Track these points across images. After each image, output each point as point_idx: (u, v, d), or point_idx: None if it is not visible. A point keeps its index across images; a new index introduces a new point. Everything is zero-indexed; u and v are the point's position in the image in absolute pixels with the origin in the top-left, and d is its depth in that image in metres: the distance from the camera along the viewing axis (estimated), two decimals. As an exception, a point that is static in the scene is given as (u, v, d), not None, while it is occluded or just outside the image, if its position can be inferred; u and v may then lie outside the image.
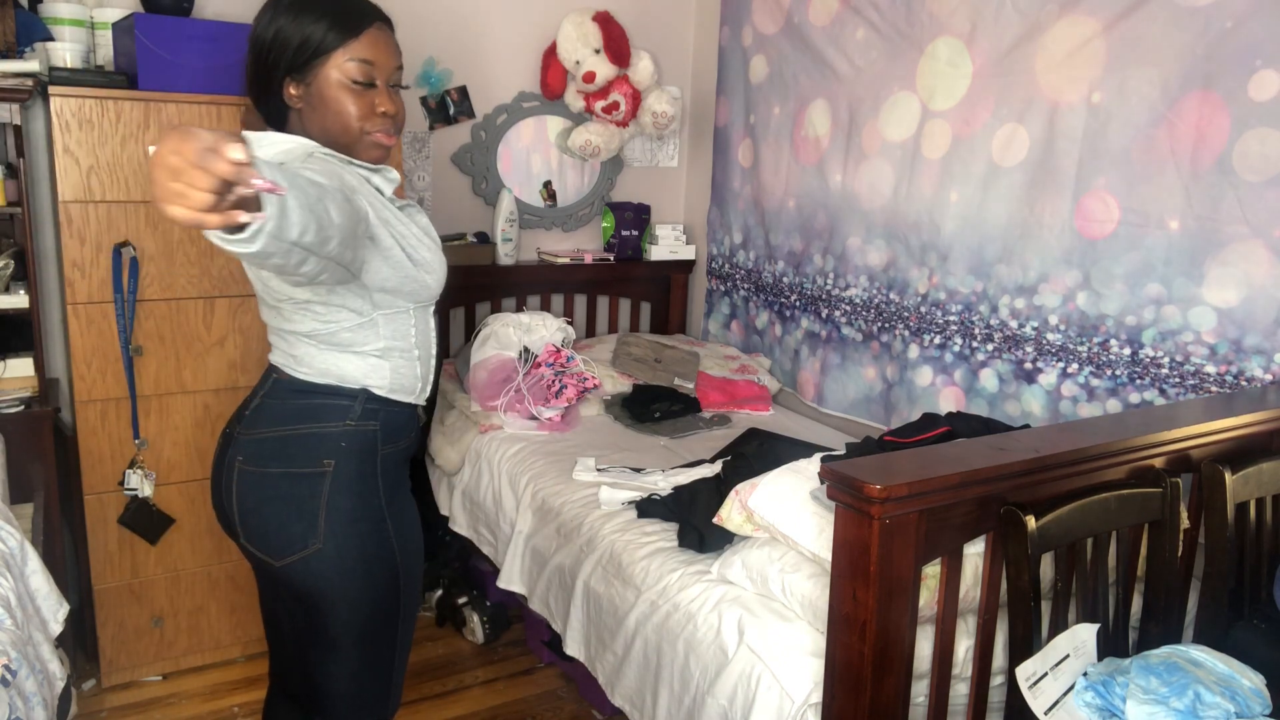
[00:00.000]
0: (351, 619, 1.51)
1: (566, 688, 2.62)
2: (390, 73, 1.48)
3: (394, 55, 1.49)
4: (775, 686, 1.64)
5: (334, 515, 1.47)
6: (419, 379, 1.56)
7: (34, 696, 1.45)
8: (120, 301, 2.32)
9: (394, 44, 1.50)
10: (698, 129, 3.59)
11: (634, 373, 3.10)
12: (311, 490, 1.46)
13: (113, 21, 2.39)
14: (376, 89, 1.46)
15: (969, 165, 2.48)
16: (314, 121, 1.46)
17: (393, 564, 1.53)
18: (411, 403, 1.57)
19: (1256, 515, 1.75)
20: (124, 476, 2.41)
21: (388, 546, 1.52)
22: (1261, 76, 1.90)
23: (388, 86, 1.48)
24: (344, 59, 1.43)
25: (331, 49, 1.42)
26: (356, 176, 1.42)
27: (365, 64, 1.44)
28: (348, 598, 1.50)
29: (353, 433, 1.48)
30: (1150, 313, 2.14)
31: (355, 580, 1.49)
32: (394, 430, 1.54)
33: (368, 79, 1.44)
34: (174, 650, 2.60)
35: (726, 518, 1.91)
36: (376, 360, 1.49)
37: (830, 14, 2.86)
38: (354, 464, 1.49)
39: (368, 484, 1.50)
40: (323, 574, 1.48)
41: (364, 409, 1.49)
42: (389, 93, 1.48)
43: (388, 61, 1.47)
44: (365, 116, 1.45)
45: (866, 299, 2.85)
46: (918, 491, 1.30)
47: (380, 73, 1.46)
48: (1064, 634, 1.47)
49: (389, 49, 1.48)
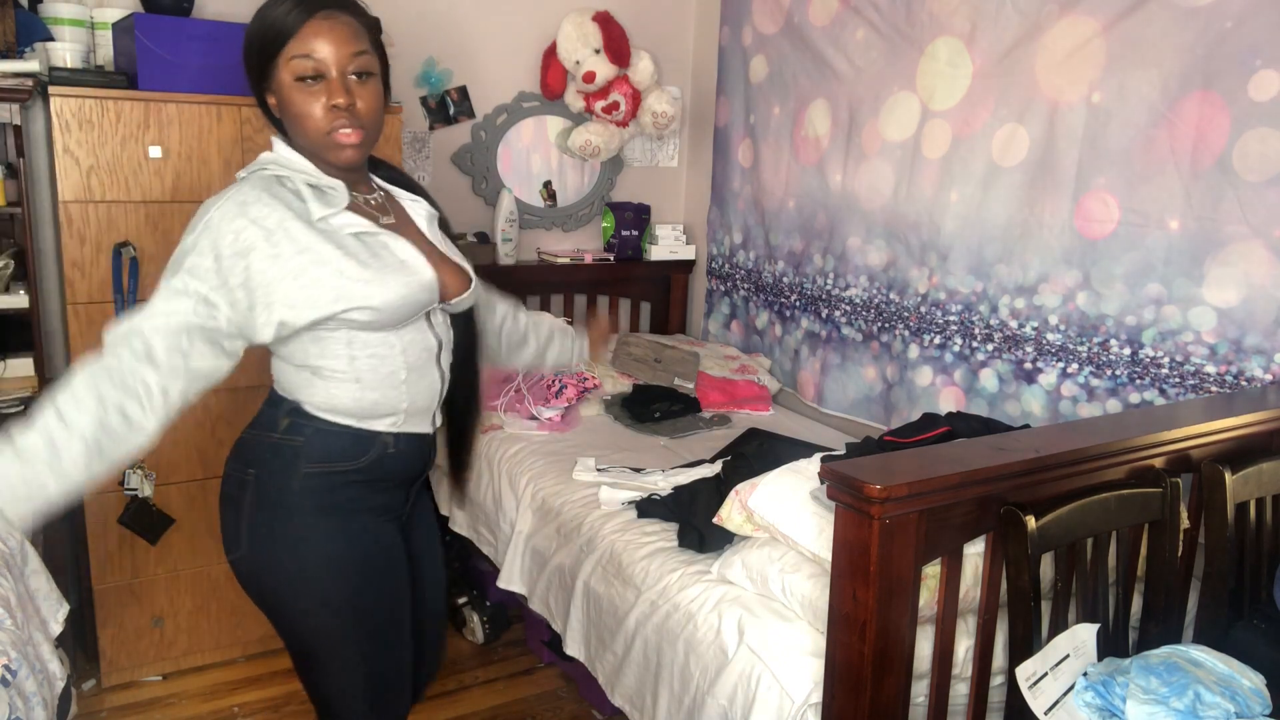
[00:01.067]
0: (292, 629, 1.49)
1: (566, 688, 2.63)
2: (344, 61, 1.34)
3: (346, 41, 1.34)
4: (775, 686, 1.64)
5: (253, 526, 1.44)
6: (373, 404, 1.41)
7: (34, 696, 1.46)
8: (120, 301, 2.32)
9: (348, 30, 1.35)
10: (698, 129, 3.59)
11: (634, 373, 3.09)
12: (242, 495, 1.44)
13: (113, 21, 2.39)
14: (328, 82, 1.34)
15: (969, 165, 2.48)
16: (291, 131, 1.39)
17: (318, 587, 1.44)
18: (359, 428, 1.42)
19: (1256, 515, 1.75)
20: (124, 476, 2.41)
21: (309, 569, 1.43)
22: (1261, 76, 1.90)
23: (344, 76, 1.34)
24: (288, 57, 1.33)
25: (277, 50, 1.33)
26: (276, 215, 1.32)
27: (305, 59, 1.32)
28: (278, 609, 1.48)
29: (275, 444, 1.42)
30: (1150, 313, 2.14)
31: (280, 594, 1.46)
32: (329, 451, 1.41)
33: (315, 73, 1.33)
34: (174, 650, 2.60)
35: (726, 518, 1.91)
36: (309, 375, 1.40)
37: (830, 14, 2.86)
38: (273, 477, 1.42)
39: (285, 500, 1.42)
40: (251, 580, 1.47)
41: (291, 422, 1.41)
42: (342, 83, 1.34)
43: (336, 49, 1.33)
44: (324, 115, 1.34)
45: (866, 299, 2.85)
46: (918, 491, 1.30)
47: (329, 64, 1.33)
48: (1064, 634, 1.47)
49: (336, 36, 1.33)
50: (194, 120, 2.34)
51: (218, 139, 2.38)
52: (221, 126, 2.38)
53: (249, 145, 2.41)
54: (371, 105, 1.38)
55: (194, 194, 2.38)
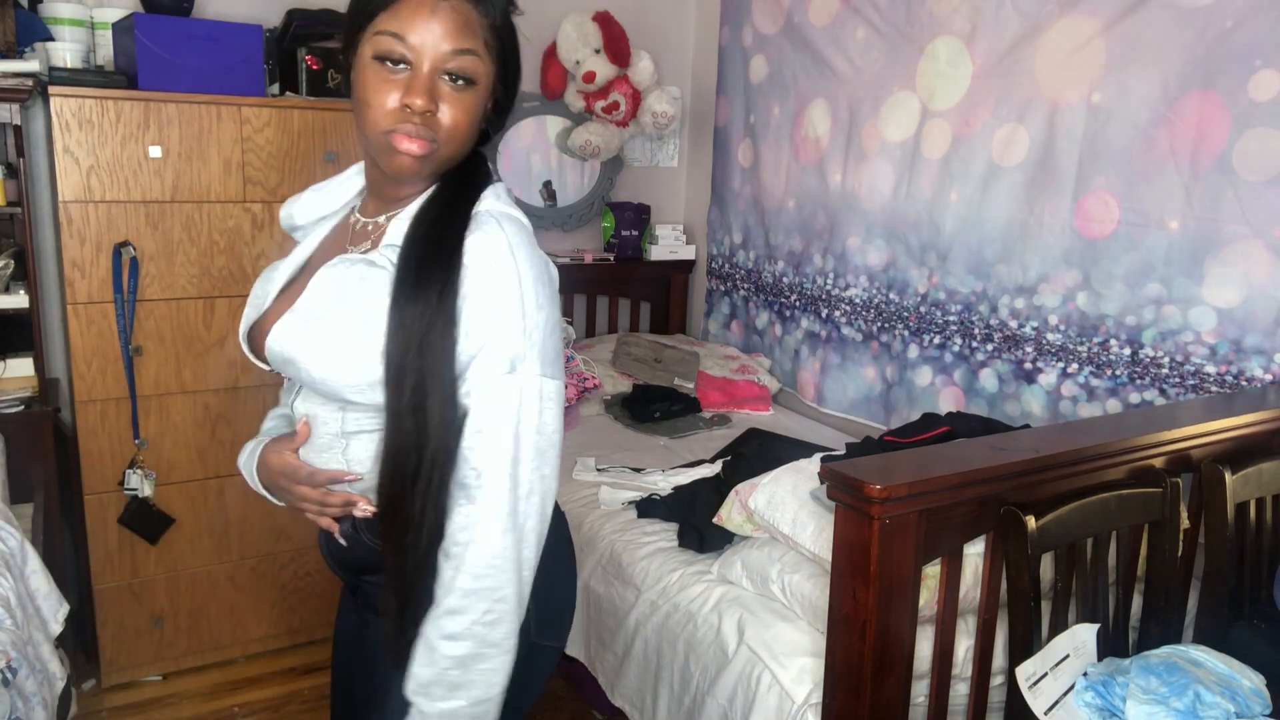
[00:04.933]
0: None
1: (566, 688, 2.62)
2: (440, 57, 1.05)
3: (451, 34, 1.05)
4: (775, 686, 1.64)
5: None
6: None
7: (34, 696, 1.46)
8: (120, 301, 2.32)
9: (458, 20, 1.06)
10: (698, 129, 3.59)
11: (634, 373, 3.10)
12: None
13: (113, 21, 2.39)
14: (413, 74, 1.05)
15: (969, 165, 2.48)
16: (356, 120, 1.12)
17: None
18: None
19: (1256, 515, 1.75)
20: (124, 476, 2.41)
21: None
22: (1261, 76, 1.90)
23: (434, 75, 1.06)
24: (376, 29, 1.06)
25: (369, 18, 1.07)
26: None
27: (394, 37, 1.04)
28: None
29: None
30: (1150, 313, 2.14)
31: None
32: None
33: (399, 57, 1.05)
34: (174, 650, 2.60)
35: (726, 518, 1.91)
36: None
37: (830, 14, 2.86)
38: None
39: None
40: None
41: None
42: (428, 82, 1.05)
43: (436, 39, 1.04)
44: (391, 110, 1.05)
45: (866, 299, 2.85)
46: (918, 491, 1.30)
47: (421, 54, 1.05)
48: (1064, 634, 1.47)
49: (441, 21, 1.05)
50: (194, 120, 2.34)
51: (218, 139, 2.38)
52: (221, 126, 2.38)
53: (249, 145, 2.41)
54: (458, 119, 1.07)
55: (194, 194, 2.38)
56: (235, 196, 2.43)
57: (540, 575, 1.12)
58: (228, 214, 2.43)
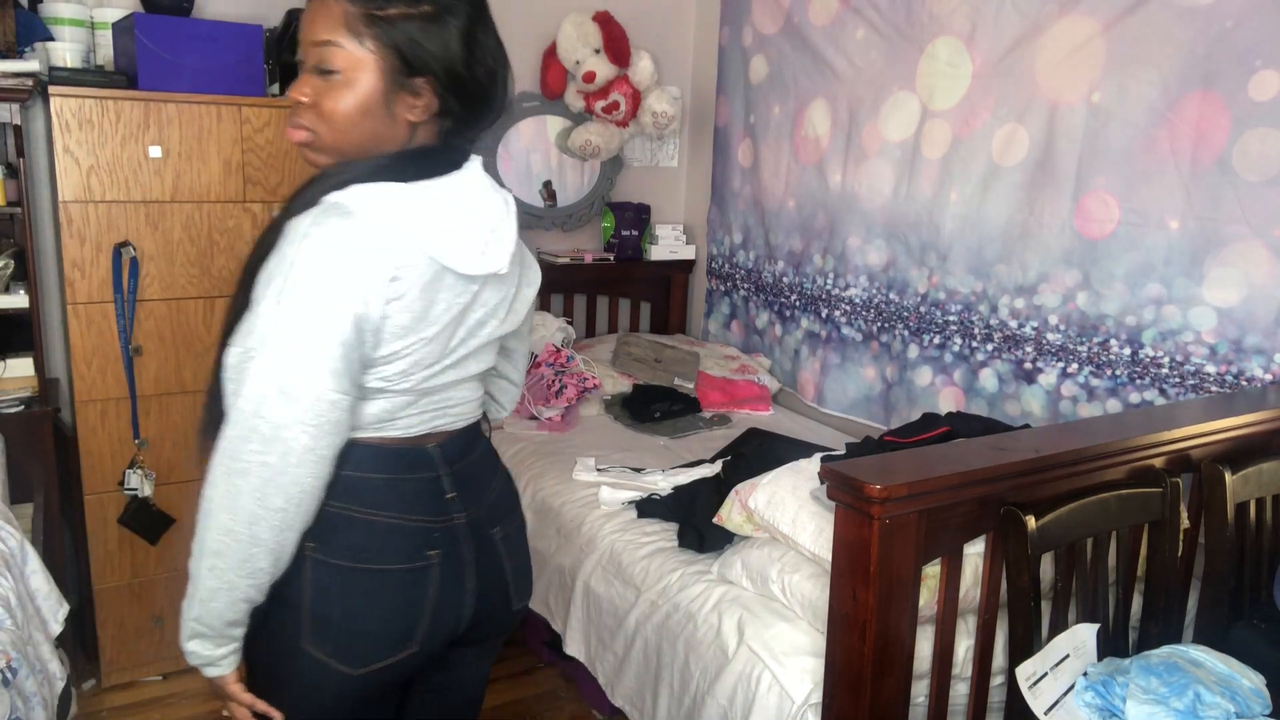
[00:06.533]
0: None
1: (566, 688, 2.62)
2: (308, 51, 1.12)
3: (311, 28, 1.11)
4: (775, 686, 1.64)
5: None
6: None
7: (34, 696, 1.46)
8: (120, 301, 2.32)
9: (321, 13, 1.11)
10: (698, 129, 3.59)
11: (634, 373, 3.10)
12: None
13: (113, 21, 2.39)
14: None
15: (969, 165, 2.48)
16: None
17: None
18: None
19: (1256, 515, 1.75)
20: (124, 476, 2.41)
21: None
22: (1261, 76, 1.90)
23: (309, 68, 1.13)
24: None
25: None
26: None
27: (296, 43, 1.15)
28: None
29: None
30: (1150, 313, 2.14)
31: None
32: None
33: (301, 60, 1.14)
34: (174, 650, 2.58)
35: (726, 518, 1.91)
36: None
37: (830, 14, 2.86)
38: None
39: None
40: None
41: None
42: (304, 76, 1.13)
43: (306, 35, 1.12)
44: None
45: (866, 299, 2.85)
46: (918, 491, 1.30)
47: (303, 48, 1.13)
48: (1064, 634, 1.47)
49: (309, 19, 1.12)
50: (194, 120, 2.34)
51: (218, 139, 2.38)
52: (221, 126, 2.38)
53: (249, 145, 2.41)
54: (330, 108, 1.11)
55: (194, 194, 2.38)
56: (235, 196, 2.43)
57: (336, 595, 1.20)
58: (228, 214, 2.43)
